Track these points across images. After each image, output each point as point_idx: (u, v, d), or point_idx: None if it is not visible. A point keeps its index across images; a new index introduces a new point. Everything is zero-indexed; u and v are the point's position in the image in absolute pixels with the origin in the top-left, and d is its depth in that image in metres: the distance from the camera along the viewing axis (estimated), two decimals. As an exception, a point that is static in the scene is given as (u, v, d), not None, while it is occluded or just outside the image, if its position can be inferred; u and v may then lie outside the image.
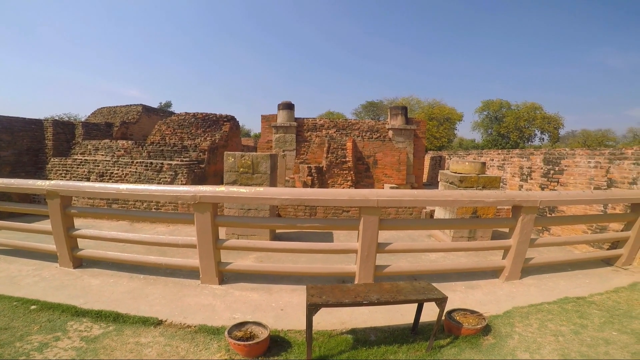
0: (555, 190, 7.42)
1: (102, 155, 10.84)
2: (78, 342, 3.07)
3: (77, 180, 9.94)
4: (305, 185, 10.62)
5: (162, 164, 9.58)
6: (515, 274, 4.83)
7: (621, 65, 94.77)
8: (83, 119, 21.08)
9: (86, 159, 10.45)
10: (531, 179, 8.50)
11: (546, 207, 7.57)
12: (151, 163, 9.64)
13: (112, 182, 9.69)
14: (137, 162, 9.82)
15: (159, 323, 3.43)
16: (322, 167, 11.54)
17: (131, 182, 9.47)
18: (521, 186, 8.92)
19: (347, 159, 11.96)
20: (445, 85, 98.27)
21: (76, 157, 10.96)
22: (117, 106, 16.75)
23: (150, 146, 10.69)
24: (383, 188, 11.76)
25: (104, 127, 13.60)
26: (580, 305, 4.03)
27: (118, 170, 9.92)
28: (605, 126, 67.03)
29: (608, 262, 5.60)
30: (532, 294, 4.39)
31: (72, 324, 3.37)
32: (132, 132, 15.22)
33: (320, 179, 11.07)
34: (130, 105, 16.56)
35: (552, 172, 7.72)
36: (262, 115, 14.10)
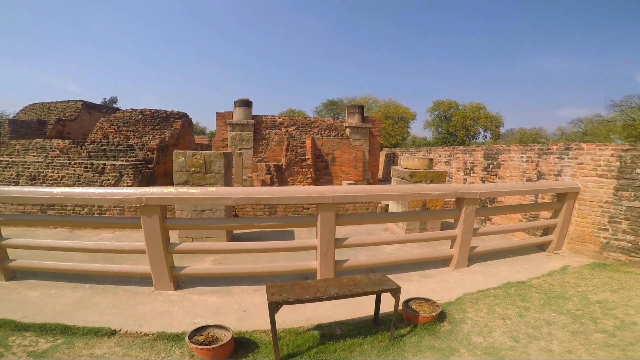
0: (494, 182, 8.05)
1: (34, 156, 9.83)
2: (25, 357, 2.84)
3: (4, 184, 8.93)
4: (264, 184, 10.50)
5: (104, 164, 8.90)
6: (463, 262, 5.19)
7: (554, 69, 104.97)
8: (12, 116, 18.91)
9: (14, 161, 9.39)
10: (474, 173, 9.15)
11: (487, 198, 8.21)
12: (92, 164, 8.92)
13: (47, 185, 8.84)
14: (75, 163, 9.03)
15: (112, 333, 3.25)
16: (282, 165, 11.49)
17: (69, 186, 8.71)
18: (465, 180, 9.57)
19: (306, 157, 12.02)
20: (400, 84, 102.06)
21: (1, 158, 9.82)
22: (51, 102, 15.22)
23: (91, 145, 9.88)
24: (341, 185, 11.99)
25: (35, 124, 12.38)
26: (522, 289, 4.39)
27: (53, 172, 9.05)
28: (539, 125, 74.45)
29: (542, 247, 6.18)
30: (479, 280, 4.72)
31: (13, 339, 3.10)
32: (70, 130, 13.93)
33: (279, 177, 11.01)
34: (68, 101, 15.12)
35: (491, 166, 8.38)
36: (217, 113, 13.70)
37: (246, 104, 13.60)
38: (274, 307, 2.80)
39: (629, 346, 3.06)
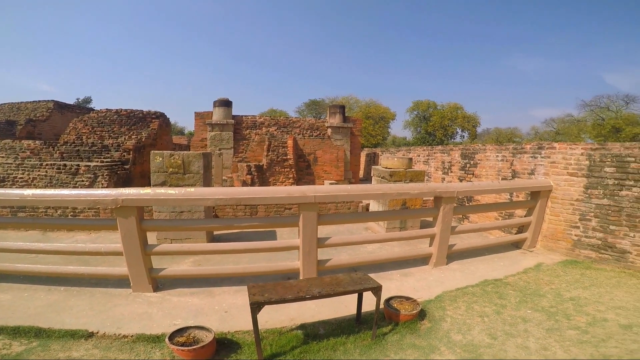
0: (470, 181, 8.26)
1: (2, 157, 9.38)
2: (-1, 360, 2.75)
3: (-30, 186, 8.47)
4: (244, 184, 10.40)
5: (78, 165, 8.60)
6: (442, 260, 5.28)
7: (529, 70, 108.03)
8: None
9: (-19, 162, 8.95)
10: (451, 172, 9.36)
11: (464, 197, 8.41)
12: (65, 165, 8.61)
13: (17, 187, 8.46)
14: (47, 165, 8.69)
15: (90, 335, 3.17)
16: (263, 165, 11.43)
17: (41, 187, 8.36)
18: (443, 179, 9.77)
19: (288, 157, 12.00)
20: (381, 84, 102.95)
21: (-33, 159, 9.32)
22: (21, 102, 14.70)
23: (64, 146, 9.54)
24: (323, 184, 12.02)
25: (4, 125, 11.88)
26: (498, 286, 4.48)
27: (23, 174, 8.69)
28: (514, 124, 76.58)
29: (517, 245, 6.32)
30: (457, 278, 4.80)
31: (-15, 342, 2.97)
32: (41, 131, 13.48)
33: (260, 177, 10.94)
34: (39, 101, 14.61)
35: (468, 165, 8.58)
36: (195, 113, 13.50)
37: (226, 103, 13.45)
38: (255, 308, 2.79)
39: (600, 342, 3.16)
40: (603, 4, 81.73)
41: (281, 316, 3.59)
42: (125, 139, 11.12)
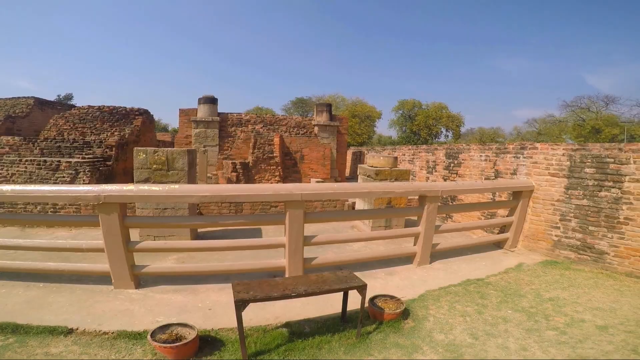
0: (454, 181, 8.35)
1: (-22, 152, 9.07)
2: (-26, 356, 2.68)
3: (-58, 181, 8.15)
4: (229, 181, 10.31)
5: (59, 161, 8.40)
6: (425, 259, 5.33)
7: (511, 69, 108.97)
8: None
9: (-45, 157, 8.62)
10: (436, 171, 9.46)
11: (448, 196, 8.47)
12: (45, 161, 8.40)
13: (-7, 182, 8.18)
14: (27, 161, 8.46)
15: (69, 332, 3.12)
16: (249, 162, 11.35)
17: (20, 183, 8.13)
18: (428, 178, 9.86)
19: (274, 155, 11.94)
20: (367, 83, 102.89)
21: (-60, 153, 8.97)
22: (0, 98, 14.35)
23: (44, 142, 9.32)
24: (310, 182, 12.01)
25: (-20, 121, 11.44)
26: (480, 286, 4.53)
27: (2, 170, 8.44)
28: (497, 124, 77.61)
29: (499, 245, 6.39)
30: (440, 277, 4.85)
31: (-40, 338, 2.90)
32: (20, 127, 13.22)
33: (246, 174, 10.86)
34: (19, 97, 14.26)
35: (452, 165, 8.67)
36: (180, 109, 13.35)
37: (211, 100, 13.31)
38: (240, 305, 2.78)
39: (578, 343, 3.22)
40: (585, 5, 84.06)
41: (266, 314, 3.57)
42: (107, 135, 10.89)
